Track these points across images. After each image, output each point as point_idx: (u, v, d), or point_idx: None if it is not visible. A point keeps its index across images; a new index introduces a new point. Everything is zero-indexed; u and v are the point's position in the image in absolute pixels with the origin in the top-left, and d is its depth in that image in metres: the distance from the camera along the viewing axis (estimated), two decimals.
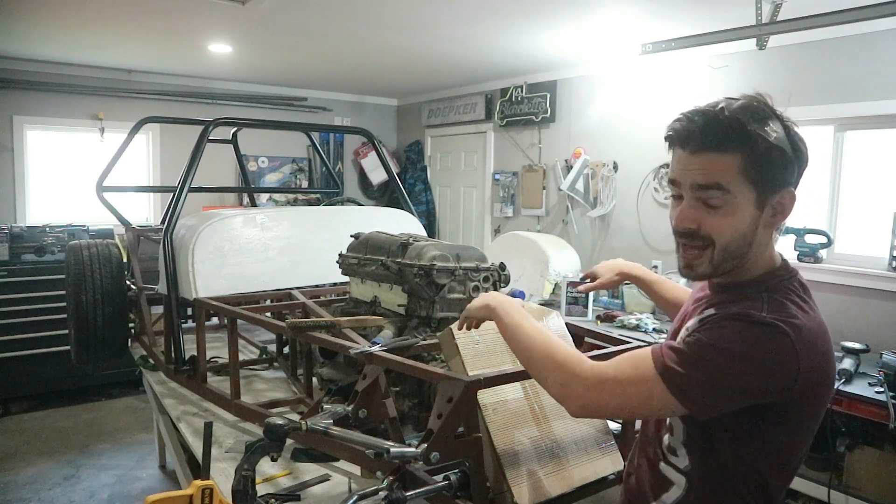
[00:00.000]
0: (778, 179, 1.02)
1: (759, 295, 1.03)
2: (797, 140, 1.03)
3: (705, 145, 1.02)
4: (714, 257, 1.05)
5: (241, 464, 1.36)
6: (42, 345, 4.71)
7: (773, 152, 1.00)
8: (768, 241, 1.08)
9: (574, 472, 1.53)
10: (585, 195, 4.72)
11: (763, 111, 1.01)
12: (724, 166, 1.01)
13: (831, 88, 3.45)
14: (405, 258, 2.08)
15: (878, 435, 2.73)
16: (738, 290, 1.07)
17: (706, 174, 1.02)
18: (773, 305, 1.00)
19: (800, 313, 1.00)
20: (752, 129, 0.99)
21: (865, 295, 3.31)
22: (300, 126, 4.89)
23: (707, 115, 1.02)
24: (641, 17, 3.43)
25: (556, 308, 3.76)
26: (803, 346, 0.96)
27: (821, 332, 1.02)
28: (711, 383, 0.96)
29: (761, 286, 1.06)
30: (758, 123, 0.99)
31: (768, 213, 1.04)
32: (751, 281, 1.07)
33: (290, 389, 2.64)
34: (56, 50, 4.76)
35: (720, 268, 1.06)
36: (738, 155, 1.00)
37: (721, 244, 1.04)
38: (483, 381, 1.39)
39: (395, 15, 3.59)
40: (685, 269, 1.10)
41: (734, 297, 1.06)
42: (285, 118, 6.18)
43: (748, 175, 1.00)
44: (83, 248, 3.21)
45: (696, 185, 1.03)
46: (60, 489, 3.67)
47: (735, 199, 1.01)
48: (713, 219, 1.03)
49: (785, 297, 1.03)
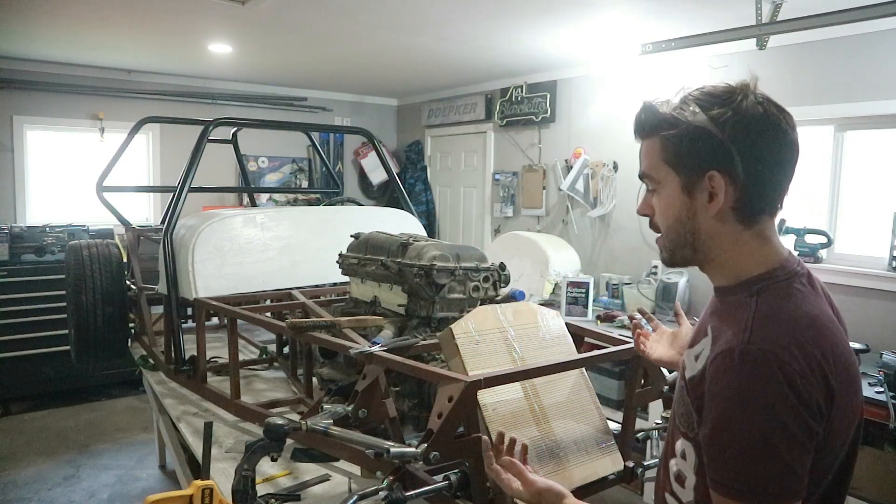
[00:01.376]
0: (698, 162, 0.98)
1: (747, 301, 0.96)
2: (729, 121, 0.95)
3: (638, 132, 1.07)
4: (665, 243, 1.06)
5: (241, 464, 1.36)
6: (42, 345, 4.71)
7: (688, 133, 0.97)
8: (736, 233, 1.00)
9: (574, 472, 1.53)
10: (585, 195, 4.72)
11: (687, 97, 0.99)
12: (648, 151, 1.04)
13: (831, 88, 3.45)
14: (405, 258, 2.08)
15: (878, 435, 2.73)
16: (731, 295, 1.01)
17: (642, 162, 1.07)
18: (762, 319, 0.92)
19: (792, 323, 0.92)
20: (665, 112, 0.99)
21: (865, 295, 3.31)
22: (300, 126, 4.89)
23: (642, 105, 1.05)
24: (641, 17, 3.42)
25: (556, 308, 3.75)
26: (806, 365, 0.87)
27: (822, 338, 0.92)
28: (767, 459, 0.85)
29: (752, 288, 0.98)
30: (674, 108, 0.99)
31: (702, 198, 0.99)
32: (742, 284, 1.00)
33: (290, 389, 2.64)
34: (56, 50, 4.76)
35: (675, 254, 1.05)
36: (656, 139, 1.02)
37: (663, 227, 1.05)
38: (483, 381, 1.39)
39: (395, 15, 3.59)
40: (659, 254, 1.12)
41: (726, 306, 1.01)
42: (285, 118, 6.18)
43: (667, 159, 1.01)
44: (83, 248, 3.21)
45: (639, 174, 1.09)
46: (60, 489, 3.67)
47: (662, 186, 1.03)
48: (656, 203, 1.06)
49: (780, 298, 0.96)
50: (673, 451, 1.05)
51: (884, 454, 2.73)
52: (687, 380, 1.00)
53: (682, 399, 1.02)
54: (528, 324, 1.72)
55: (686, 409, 0.99)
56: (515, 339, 1.65)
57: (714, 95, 0.98)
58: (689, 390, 0.99)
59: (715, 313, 1.03)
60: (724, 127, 0.95)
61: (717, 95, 0.98)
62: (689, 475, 1.01)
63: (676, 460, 1.04)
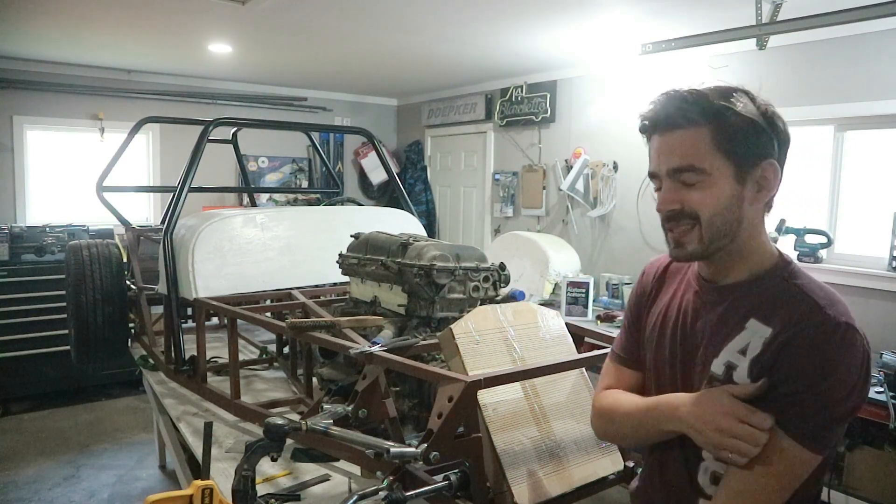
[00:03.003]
0: (754, 151, 1.01)
1: (789, 284, 1.03)
2: (771, 114, 1.03)
3: (674, 123, 1.03)
4: (703, 234, 1.04)
5: (241, 464, 1.36)
6: (42, 345, 4.71)
7: (742, 122, 1.00)
8: (761, 225, 1.07)
9: (574, 472, 1.53)
10: (585, 195, 4.72)
11: (727, 89, 1.03)
12: (694, 141, 1.02)
13: (831, 88, 3.45)
14: (405, 258, 2.08)
15: (878, 435, 2.73)
16: (759, 285, 1.05)
17: (679, 155, 1.03)
18: (826, 293, 1.01)
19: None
20: (717, 102, 1.01)
21: (865, 295, 3.31)
22: (300, 126, 4.89)
23: (673, 95, 1.04)
24: (641, 17, 3.42)
25: (556, 308, 3.75)
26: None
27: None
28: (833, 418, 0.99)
29: (784, 274, 1.05)
30: (722, 97, 1.01)
31: (752, 188, 1.03)
32: (770, 271, 1.06)
33: (290, 389, 2.64)
34: (56, 50, 4.76)
35: (711, 245, 1.04)
36: (706, 128, 1.01)
37: (706, 217, 1.03)
38: (483, 381, 1.39)
39: (394, 15, 3.59)
40: (676, 249, 1.08)
41: (762, 294, 1.04)
42: (285, 118, 6.18)
43: (720, 147, 1.01)
44: (83, 248, 3.21)
45: (671, 170, 1.04)
46: (60, 489, 3.67)
47: (711, 176, 1.02)
48: (694, 195, 1.03)
49: (811, 279, 1.04)
50: (699, 455, 1.07)
51: (884, 454, 2.73)
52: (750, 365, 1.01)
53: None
54: (528, 324, 1.71)
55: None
56: (515, 339, 1.65)
57: (748, 92, 1.03)
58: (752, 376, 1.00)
59: (744, 306, 1.05)
60: (770, 120, 1.02)
61: (749, 92, 1.03)
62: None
63: (709, 462, 1.07)
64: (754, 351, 1.00)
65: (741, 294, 1.06)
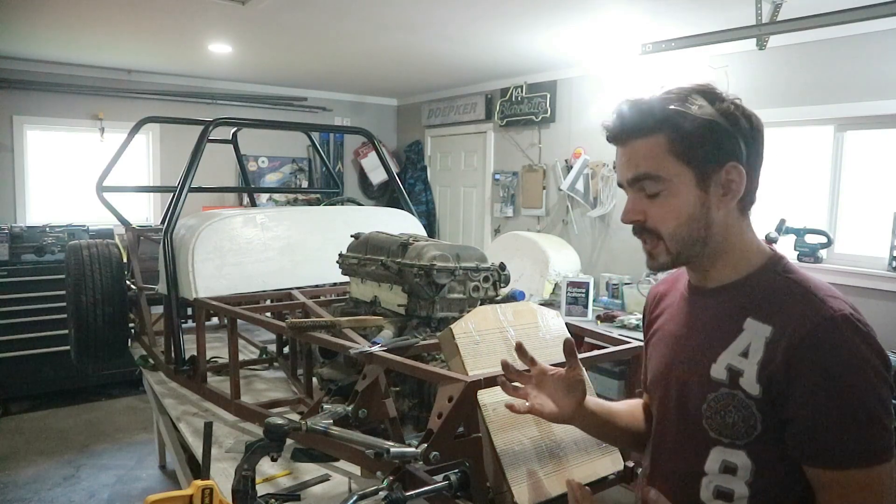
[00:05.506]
0: (714, 154, 0.98)
1: (782, 281, 0.99)
2: (733, 113, 0.98)
3: (630, 132, 1.02)
4: (669, 247, 1.02)
5: (241, 464, 1.36)
6: (42, 345, 4.71)
7: (698, 126, 0.97)
8: (740, 224, 1.03)
9: (574, 472, 1.53)
10: (585, 195, 4.72)
11: (684, 91, 1.00)
12: (650, 149, 0.99)
13: (831, 88, 3.45)
14: (405, 258, 2.08)
15: None
16: (750, 284, 1.01)
17: (635, 164, 1.01)
18: (822, 284, 0.98)
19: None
20: (670, 107, 0.98)
21: (865, 295, 3.31)
22: (300, 126, 4.89)
23: (629, 104, 1.03)
24: (641, 17, 3.42)
25: (556, 308, 3.75)
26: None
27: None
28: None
29: (776, 269, 1.01)
30: (678, 102, 0.98)
31: (716, 191, 1.00)
32: (759, 270, 1.02)
33: (290, 389, 2.64)
34: (56, 50, 4.76)
35: (681, 255, 1.02)
36: (662, 135, 0.99)
37: (667, 234, 1.01)
38: (483, 381, 1.39)
39: (395, 15, 3.59)
40: (649, 261, 1.07)
41: (756, 295, 1.00)
42: (285, 118, 6.18)
43: (677, 154, 0.98)
44: (83, 248, 3.20)
45: (630, 180, 1.03)
46: (60, 489, 3.67)
47: (671, 184, 0.99)
48: (655, 209, 1.01)
49: (806, 275, 1.00)
50: (701, 468, 1.02)
51: None
52: (758, 370, 0.95)
53: (729, 406, 0.98)
54: (528, 324, 1.71)
55: (745, 413, 0.96)
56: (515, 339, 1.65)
57: (707, 91, 1.00)
58: (763, 383, 0.94)
59: (738, 306, 1.01)
60: (731, 119, 0.98)
61: (709, 91, 1.00)
62: (739, 488, 0.98)
63: (713, 476, 1.01)
64: (757, 353, 0.95)
65: (733, 294, 1.03)
